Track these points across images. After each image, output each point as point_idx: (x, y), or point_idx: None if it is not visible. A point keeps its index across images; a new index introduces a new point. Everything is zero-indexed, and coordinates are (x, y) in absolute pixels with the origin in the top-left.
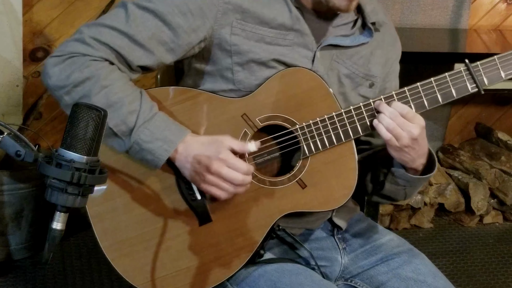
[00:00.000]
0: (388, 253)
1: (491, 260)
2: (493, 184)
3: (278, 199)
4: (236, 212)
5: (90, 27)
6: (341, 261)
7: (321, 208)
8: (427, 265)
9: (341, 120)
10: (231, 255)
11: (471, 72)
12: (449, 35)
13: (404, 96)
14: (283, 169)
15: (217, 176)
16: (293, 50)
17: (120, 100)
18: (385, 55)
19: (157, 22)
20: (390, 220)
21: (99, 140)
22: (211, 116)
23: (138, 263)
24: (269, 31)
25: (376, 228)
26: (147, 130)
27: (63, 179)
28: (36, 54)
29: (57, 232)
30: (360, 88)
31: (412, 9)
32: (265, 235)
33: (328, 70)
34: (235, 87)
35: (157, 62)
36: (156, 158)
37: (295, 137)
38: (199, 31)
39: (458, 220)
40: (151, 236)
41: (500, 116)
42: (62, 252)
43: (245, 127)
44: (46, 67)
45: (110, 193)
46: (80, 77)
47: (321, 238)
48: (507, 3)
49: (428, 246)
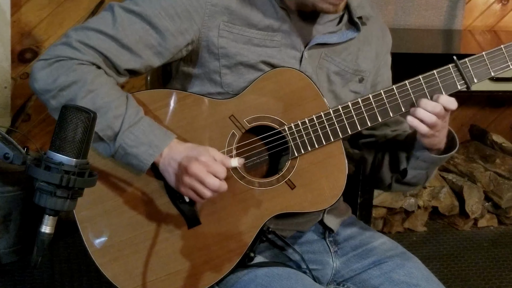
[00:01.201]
0: (381, 256)
1: (486, 264)
2: (487, 187)
3: (268, 200)
4: (226, 214)
5: (77, 31)
6: (333, 264)
7: (311, 208)
8: (420, 268)
9: (329, 119)
10: (221, 257)
11: (459, 68)
12: (443, 36)
13: (392, 94)
14: (272, 170)
15: (194, 178)
16: (280, 51)
17: (106, 105)
18: (374, 49)
19: (144, 26)
20: (383, 223)
21: (88, 143)
22: (199, 118)
23: (127, 268)
24: (257, 32)
25: (368, 231)
26: (132, 134)
27: (52, 182)
28: (24, 55)
29: (46, 235)
30: (350, 84)
31: (405, 9)
32: (255, 236)
33: (317, 69)
34: (223, 90)
35: (144, 65)
36: (141, 163)
37: (283, 137)
38: (186, 34)
39: (452, 223)
40: (140, 240)
41: (494, 118)
42: (51, 256)
43: (233, 129)
44: (33, 71)
45: (98, 197)
46: (66, 81)
47: (312, 241)
48: (502, 4)
49: (422, 249)
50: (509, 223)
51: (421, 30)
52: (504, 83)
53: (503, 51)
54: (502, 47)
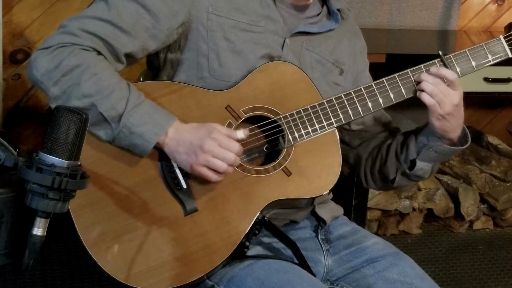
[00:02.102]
0: (374, 255)
1: (481, 267)
2: (483, 189)
3: (264, 187)
4: (222, 201)
5: (73, 20)
6: (325, 262)
7: (307, 194)
8: (414, 267)
9: (323, 109)
10: (217, 244)
11: (445, 62)
12: (438, 36)
13: (382, 86)
14: (268, 159)
15: (210, 155)
16: (266, 37)
17: (110, 87)
18: (353, 45)
19: (138, 8)
20: (378, 225)
21: (80, 144)
22: (196, 108)
23: (122, 256)
24: (243, 17)
25: (361, 232)
26: (136, 114)
27: (43, 184)
28: (16, 56)
29: (38, 238)
30: (330, 75)
31: (400, 10)
32: (252, 223)
33: (299, 57)
34: (209, 75)
35: (141, 48)
36: (145, 142)
37: (279, 126)
38: (178, 16)
39: (447, 226)
40: (135, 228)
41: (490, 120)
42: (43, 259)
43: (229, 118)
44: (33, 60)
45: (92, 185)
46: (69, 65)
47: (304, 239)
48: (498, 4)
49: (417, 252)
50: (505, 225)
51: (416, 31)
52: (499, 84)
53: (483, 48)
54: (483, 44)
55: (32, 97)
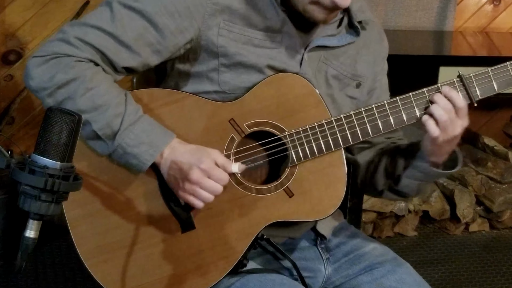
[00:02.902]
0: (372, 262)
1: (477, 269)
2: (479, 191)
3: (265, 207)
4: (221, 220)
5: (74, 27)
6: (325, 272)
7: (308, 218)
8: (412, 274)
9: (331, 128)
10: (213, 264)
11: (464, 83)
12: (434, 37)
13: (395, 106)
14: (270, 177)
15: (197, 186)
16: (280, 53)
17: (106, 103)
18: (372, 53)
19: (143, 23)
20: (373, 228)
21: (73, 146)
22: (197, 120)
23: (117, 270)
24: (257, 33)
25: (360, 236)
26: (131, 133)
27: (36, 186)
28: (8, 57)
29: (30, 240)
30: (347, 88)
31: (396, 10)
32: (249, 244)
33: (316, 72)
34: (219, 89)
35: (142, 63)
36: (140, 163)
37: (283, 144)
38: (186, 33)
39: (443, 228)
40: (131, 242)
41: (486, 121)
42: (35, 261)
43: (232, 133)
44: (28, 68)
45: (90, 196)
46: (64, 78)
47: (304, 248)
48: (494, 4)
49: (412, 254)
50: (501, 227)
51: (412, 32)
52: None
53: (508, 68)
54: (508, 64)
55: (25, 98)
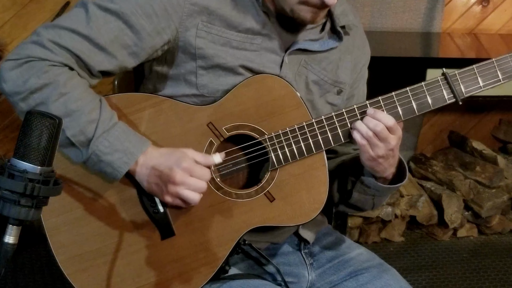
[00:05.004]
0: (357, 267)
1: (465, 275)
2: (467, 196)
3: (245, 212)
4: (201, 226)
5: (49, 29)
6: (308, 277)
7: (290, 222)
8: (398, 280)
9: (312, 130)
10: (194, 270)
11: (449, 81)
12: (422, 39)
13: (378, 106)
14: (251, 181)
15: (182, 186)
16: (260, 55)
17: (79, 109)
18: (354, 59)
19: (119, 24)
20: (359, 233)
21: (53, 150)
22: (175, 124)
23: (97, 279)
24: (236, 35)
25: (345, 242)
26: (106, 141)
27: (15, 191)
28: None
29: (9, 246)
30: (328, 95)
31: (382, 11)
32: (230, 250)
33: (296, 76)
34: (198, 92)
35: (119, 66)
36: (115, 171)
37: (263, 148)
38: (163, 34)
39: (430, 233)
40: (111, 250)
41: (474, 125)
42: (15, 267)
43: (211, 137)
44: (1, 71)
45: (68, 204)
46: (37, 83)
47: (287, 253)
48: (482, 6)
49: (399, 260)
50: (490, 233)
51: (399, 33)
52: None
53: (494, 64)
54: (494, 61)
55: (4, 101)
